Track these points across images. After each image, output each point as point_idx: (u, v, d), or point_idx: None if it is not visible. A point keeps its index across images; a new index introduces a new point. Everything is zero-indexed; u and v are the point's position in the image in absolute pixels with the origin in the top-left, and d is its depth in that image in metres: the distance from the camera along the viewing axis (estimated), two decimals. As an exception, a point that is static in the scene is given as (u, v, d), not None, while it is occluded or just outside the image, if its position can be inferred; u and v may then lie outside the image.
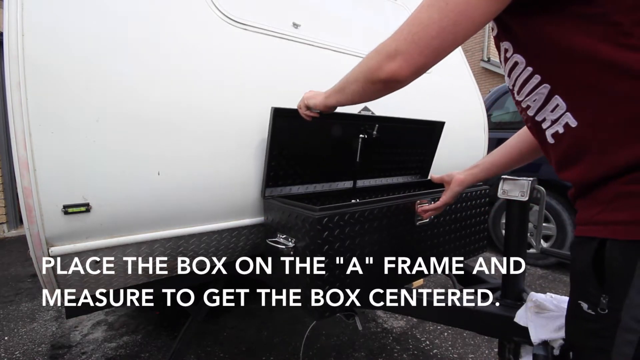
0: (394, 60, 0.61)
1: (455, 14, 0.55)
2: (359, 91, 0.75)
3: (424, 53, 0.58)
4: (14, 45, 0.84)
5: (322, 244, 0.92)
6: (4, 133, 4.24)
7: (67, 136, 0.89)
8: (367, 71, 0.68)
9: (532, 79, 0.61)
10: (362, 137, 1.39)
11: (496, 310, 1.00)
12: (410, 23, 0.60)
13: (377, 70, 0.64)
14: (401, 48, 0.60)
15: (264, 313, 2.28)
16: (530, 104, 0.64)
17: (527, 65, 0.61)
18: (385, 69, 0.63)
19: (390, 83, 0.65)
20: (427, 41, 0.57)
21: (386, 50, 0.63)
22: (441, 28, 0.56)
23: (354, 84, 0.75)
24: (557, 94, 0.57)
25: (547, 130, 0.62)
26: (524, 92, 0.64)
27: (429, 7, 0.57)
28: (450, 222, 1.29)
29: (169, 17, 1.10)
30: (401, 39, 0.60)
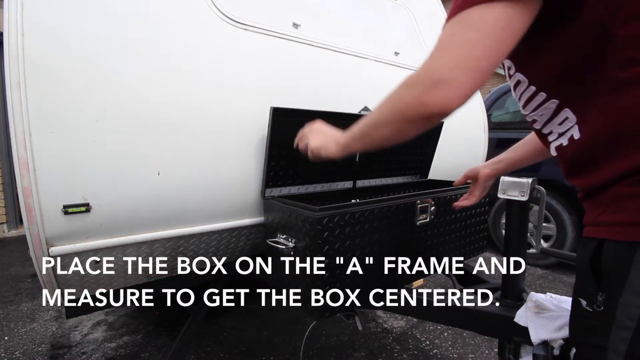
0: (437, 90, 0.53)
1: (495, 30, 0.51)
2: (391, 134, 0.65)
3: (472, 78, 0.52)
4: (14, 45, 0.84)
5: (323, 244, 0.92)
6: (4, 133, 4.24)
7: (67, 136, 0.89)
8: (404, 109, 0.59)
9: (537, 96, 0.62)
10: None
11: (496, 310, 1.00)
12: (445, 48, 0.54)
13: (417, 106, 0.56)
14: (444, 76, 0.52)
15: (264, 313, 2.28)
16: (536, 118, 0.65)
17: (529, 84, 0.63)
18: (429, 103, 0.54)
19: (434, 118, 0.57)
20: (472, 64, 0.52)
21: (424, 82, 0.55)
22: (485, 47, 0.51)
23: (384, 128, 0.65)
24: (567, 107, 0.58)
25: (552, 143, 0.63)
26: (530, 107, 0.65)
27: (462, 27, 0.52)
28: (450, 222, 1.29)
29: (169, 17, 1.10)
30: (441, 66, 0.53)
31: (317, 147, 0.85)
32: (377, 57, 1.64)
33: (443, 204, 1.24)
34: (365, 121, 0.71)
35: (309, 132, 0.90)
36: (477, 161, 2.07)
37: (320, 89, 1.40)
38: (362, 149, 0.77)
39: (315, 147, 0.85)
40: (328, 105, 1.38)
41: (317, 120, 0.94)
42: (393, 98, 0.63)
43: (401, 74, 1.74)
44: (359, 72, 1.55)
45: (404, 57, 1.78)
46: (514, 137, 3.93)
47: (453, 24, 0.54)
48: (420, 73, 0.57)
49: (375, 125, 0.68)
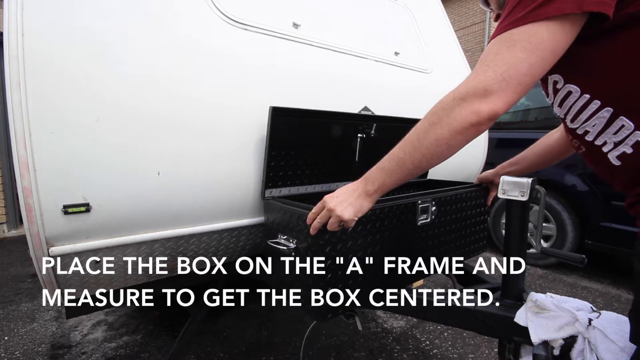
0: (487, 99, 0.60)
1: (541, 50, 0.57)
2: (439, 151, 0.67)
3: (516, 90, 0.59)
4: (14, 45, 0.84)
5: (324, 245, 0.92)
6: (4, 133, 4.23)
7: (67, 136, 0.89)
8: (454, 121, 0.64)
9: (591, 104, 0.64)
10: (361, 136, 1.39)
11: (496, 310, 1.00)
12: (493, 63, 0.60)
13: (469, 115, 0.62)
14: (493, 87, 0.60)
15: (264, 313, 2.28)
16: (589, 129, 0.66)
17: (582, 93, 0.64)
18: (481, 111, 0.61)
19: (484, 125, 0.63)
20: (518, 79, 0.58)
21: (474, 94, 0.61)
22: (531, 65, 0.58)
23: (431, 147, 0.67)
24: (622, 115, 0.60)
25: (610, 153, 0.64)
26: (581, 119, 0.67)
27: (509, 47, 0.59)
28: (451, 222, 1.29)
29: (169, 17, 1.10)
30: (489, 80, 0.60)
31: (353, 216, 0.78)
32: (377, 57, 1.64)
33: (444, 204, 1.24)
34: (399, 151, 0.72)
35: (331, 209, 0.78)
36: (477, 160, 2.06)
37: (320, 89, 1.40)
38: (399, 182, 0.75)
39: (351, 218, 0.78)
40: (328, 105, 1.38)
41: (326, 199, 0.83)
42: (436, 114, 0.67)
43: (401, 74, 1.74)
44: (359, 72, 1.55)
45: (404, 57, 1.78)
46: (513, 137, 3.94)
47: (500, 41, 0.60)
48: (468, 87, 0.62)
49: (419, 147, 0.69)
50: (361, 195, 0.78)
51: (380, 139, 1.45)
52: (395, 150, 0.74)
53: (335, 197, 0.79)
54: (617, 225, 2.55)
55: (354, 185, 0.80)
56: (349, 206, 0.77)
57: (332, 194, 0.82)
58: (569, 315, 0.84)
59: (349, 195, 0.79)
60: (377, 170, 0.76)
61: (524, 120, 3.40)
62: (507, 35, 0.59)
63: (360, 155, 1.43)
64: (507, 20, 0.60)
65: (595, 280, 2.86)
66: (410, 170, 0.72)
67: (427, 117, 0.69)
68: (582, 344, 0.80)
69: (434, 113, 0.68)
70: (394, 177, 0.74)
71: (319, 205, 0.83)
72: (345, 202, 0.78)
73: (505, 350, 1.01)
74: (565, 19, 0.55)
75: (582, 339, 0.80)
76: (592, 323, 0.80)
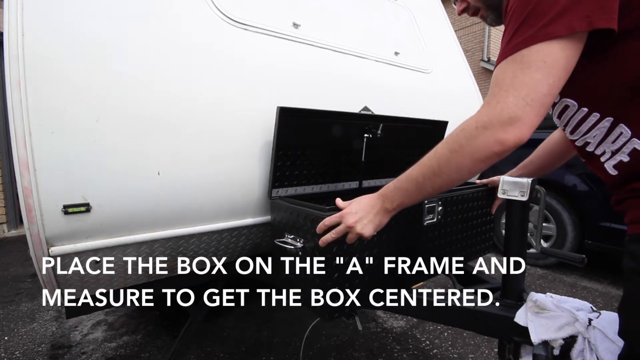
0: (512, 127, 0.59)
1: (557, 69, 0.56)
2: (460, 177, 0.68)
3: (540, 113, 0.58)
4: (14, 45, 0.84)
5: (331, 245, 0.92)
6: (4, 133, 4.23)
7: (67, 136, 0.89)
8: (476, 151, 0.63)
9: (590, 117, 0.64)
10: (367, 136, 1.39)
11: (496, 310, 1.00)
12: (512, 88, 0.58)
13: (493, 145, 0.61)
14: (517, 114, 0.58)
15: (264, 313, 2.28)
16: (589, 140, 0.66)
17: (580, 106, 0.64)
18: (506, 140, 0.60)
19: (508, 152, 0.62)
20: (540, 101, 0.57)
21: (498, 122, 0.60)
22: (550, 85, 0.57)
23: (452, 173, 0.67)
24: (621, 123, 0.60)
25: (607, 162, 0.64)
26: (581, 131, 0.67)
27: (524, 69, 0.57)
28: (457, 222, 1.28)
29: (169, 16, 1.10)
30: (511, 106, 0.58)
31: (373, 232, 0.80)
32: (377, 57, 1.64)
33: (450, 204, 1.24)
34: (418, 174, 0.72)
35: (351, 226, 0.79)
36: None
37: (320, 89, 1.40)
38: (418, 202, 0.78)
39: (371, 234, 0.80)
40: (328, 105, 1.38)
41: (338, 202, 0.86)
42: (458, 142, 0.65)
43: (401, 74, 1.74)
44: (359, 72, 1.55)
45: (404, 57, 1.78)
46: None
47: (513, 64, 0.59)
48: (491, 115, 0.60)
49: (439, 172, 0.69)
50: (380, 212, 0.79)
51: (387, 139, 1.45)
52: (414, 173, 0.73)
53: (354, 214, 0.79)
54: (617, 225, 2.55)
55: (372, 201, 0.80)
56: (369, 223, 0.79)
57: (349, 209, 0.80)
58: (569, 315, 0.84)
59: (367, 212, 0.79)
60: (396, 190, 0.76)
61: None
62: (518, 57, 0.58)
63: (367, 155, 1.43)
64: (515, 40, 0.59)
65: (595, 280, 2.86)
66: (430, 192, 0.73)
67: (448, 144, 0.67)
68: (582, 344, 0.80)
69: (455, 141, 0.66)
70: (413, 198, 0.75)
71: (334, 219, 0.82)
72: (365, 219, 0.79)
73: (505, 350, 1.01)
74: (575, 35, 0.55)
75: (582, 339, 0.80)
76: (592, 323, 0.80)
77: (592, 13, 0.53)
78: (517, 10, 0.59)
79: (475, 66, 9.51)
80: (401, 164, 1.63)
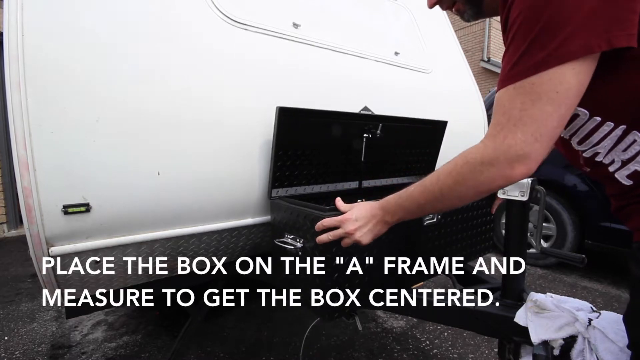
0: (520, 164, 0.56)
1: (569, 99, 0.52)
2: (460, 203, 0.69)
3: (548, 145, 0.55)
4: (14, 45, 0.84)
5: (331, 245, 0.92)
6: (4, 133, 4.23)
7: (67, 136, 0.89)
8: (481, 185, 0.62)
9: (603, 126, 0.59)
10: (367, 136, 1.39)
11: (496, 310, 1.00)
12: (520, 123, 0.54)
13: (498, 180, 0.59)
14: (525, 151, 0.55)
15: (264, 313, 2.28)
16: (599, 150, 0.62)
17: (592, 115, 0.60)
18: (513, 176, 0.57)
19: (511, 184, 0.62)
20: (549, 135, 0.54)
21: (505, 159, 0.57)
22: (560, 116, 0.53)
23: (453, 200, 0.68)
24: (634, 130, 0.56)
25: (619, 172, 0.60)
26: (591, 141, 0.62)
27: (534, 101, 0.53)
28: (457, 222, 1.29)
29: (169, 16, 1.10)
30: (520, 143, 0.55)
31: (370, 241, 0.81)
32: (377, 57, 1.64)
33: None
34: (420, 196, 0.71)
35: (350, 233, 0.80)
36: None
37: (320, 89, 1.40)
38: (418, 217, 0.84)
39: (368, 243, 0.81)
40: (328, 105, 1.38)
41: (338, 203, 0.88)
42: (462, 175, 0.63)
43: (401, 74, 1.74)
44: (359, 72, 1.55)
45: (404, 57, 1.78)
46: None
47: (521, 93, 0.54)
48: (498, 152, 0.57)
49: (442, 199, 0.69)
50: (379, 222, 0.80)
51: (386, 139, 1.45)
52: (415, 194, 0.73)
53: (355, 221, 0.80)
54: (617, 225, 2.55)
55: (374, 211, 0.80)
56: (368, 232, 0.80)
57: (350, 215, 0.81)
58: (569, 315, 0.84)
59: (368, 221, 0.80)
60: (397, 206, 0.77)
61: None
62: (527, 85, 0.53)
63: (367, 155, 1.43)
64: (524, 63, 0.53)
65: (595, 280, 2.86)
66: (429, 212, 0.78)
67: (451, 174, 0.65)
68: (582, 344, 0.80)
69: (459, 172, 0.64)
70: (412, 215, 0.76)
71: (334, 222, 0.83)
72: (364, 228, 0.80)
73: (505, 350, 1.01)
74: (590, 55, 0.49)
75: (582, 339, 0.80)
76: (592, 323, 0.80)
77: (612, 28, 0.47)
78: (524, 25, 0.52)
79: (475, 66, 9.52)
80: (401, 164, 1.64)
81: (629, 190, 0.61)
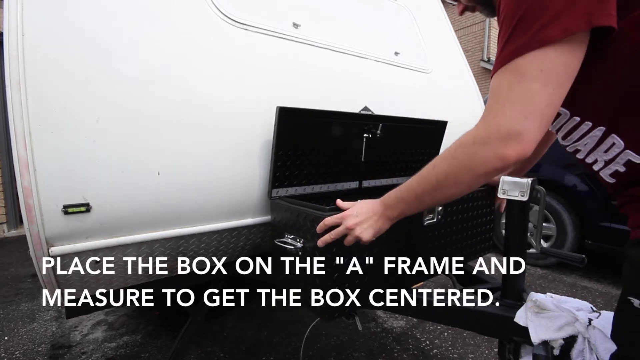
0: (513, 142, 0.55)
1: (556, 77, 0.53)
2: (460, 191, 0.67)
3: (541, 125, 0.55)
4: (14, 45, 0.84)
5: (331, 245, 0.92)
6: (4, 133, 4.24)
7: (67, 136, 0.89)
8: (476, 166, 0.61)
9: (582, 125, 0.62)
10: (367, 136, 1.39)
11: (496, 310, 1.00)
12: (508, 100, 0.55)
13: (494, 160, 0.58)
14: (515, 128, 0.55)
15: (264, 313, 2.28)
16: (580, 147, 0.64)
17: (572, 115, 0.62)
18: (507, 156, 0.56)
19: (509, 167, 0.59)
20: (539, 112, 0.54)
21: (497, 137, 0.57)
22: (549, 95, 0.53)
23: (452, 188, 0.67)
24: (613, 133, 0.58)
25: (602, 171, 0.63)
26: (572, 138, 0.65)
27: (520, 80, 0.54)
28: (457, 222, 1.29)
29: (169, 17, 1.10)
30: (509, 120, 0.55)
31: (372, 237, 0.80)
32: (377, 57, 1.64)
33: (450, 204, 1.23)
34: (417, 186, 0.71)
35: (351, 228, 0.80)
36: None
37: (320, 89, 1.40)
38: (419, 211, 0.80)
39: (369, 239, 0.80)
40: (328, 105, 1.38)
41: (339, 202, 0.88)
42: (457, 158, 0.64)
43: (401, 74, 1.74)
44: (359, 72, 1.55)
45: (404, 57, 1.78)
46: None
47: (508, 74, 0.55)
48: (488, 129, 0.58)
49: (438, 187, 0.68)
50: (381, 218, 0.79)
51: (387, 139, 1.45)
52: (413, 185, 0.73)
53: (355, 216, 0.80)
54: (617, 225, 2.55)
55: (375, 207, 0.80)
56: (369, 228, 0.79)
57: (351, 212, 0.81)
58: (569, 315, 0.84)
59: (369, 217, 0.79)
60: (397, 199, 0.76)
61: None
62: (513, 66, 0.55)
63: (367, 155, 1.43)
64: (508, 47, 0.55)
65: (595, 280, 2.86)
66: (429, 204, 0.73)
67: (447, 159, 0.66)
68: (582, 344, 0.80)
69: (454, 156, 0.64)
70: (413, 208, 0.76)
71: (335, 220, 0.83)
72: (365, 223, 0.79)
73: (505, 350, 1.01)
74: (573, 38, 0.51)
75: (582, 339, 0.80)
76: (592, 323, 0.80)
77: (591, 9, 0.49)
78: (508, 15, 0.55)
79: (475, 66, 9.51)
80: (401, 164, 1.64)
81: (618, 189, 0.63)
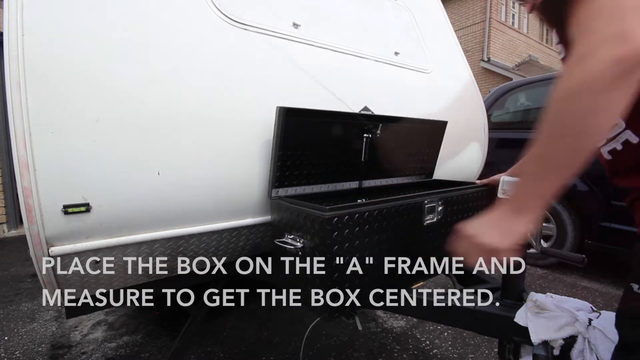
0: (623, 38, 0.46)
1: None
2: (583, 135, 0.52)
3: None
4: (14, 45, 0.84)
5: (332, 244, 0.92)
6: (4, 133, 4.23)
7: (67, 136, 0.89)
8: (593, 81, 0.48)
9: None
10: (367, 136, 1.39)
11: (496, 310, 1.00)
12: (610, 6, 0.49)
13: (610, 65, 0.47)
14: (630, 25, 0.46)
15: (264, 313, 2.28)
16: None
17: None
18: (625, 52, 0.46)
19: (636, 66, 0.47)
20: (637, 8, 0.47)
21: (601, 43, 0.48)
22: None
23: (575, 125, 0.52)
24: None
25: (603, 147, 0.66)
26: None
27: None
28: (458, 222, 1.28)
29: (169, 17, 1.10)
30: (618, 18, 0.47)
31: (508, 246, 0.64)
32: (377, 57, 1.64)
33: (450, 204, 1.23)
34: (537, 149, 0.57)
35: (476, 246, 0.66)
36: (477, 161, 2.07)
37: (320, 89, 1.40)
38: (552, 188, 0.61)
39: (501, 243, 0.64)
40: (328, 105, 1.38)
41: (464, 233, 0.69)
42: (565, 88, 0.52)
43: (401, 74, 1.74)
44: (358, 72, 1.55)
45: (404, 57, 1.78)
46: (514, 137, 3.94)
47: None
48: (588, 43, 0.50)
49: (561, 133, 0.54)
50: (508, 215, 0.64)
51: (387, 139, 1.45)
52: (532, 151, 0.58)
53: (478, 233, 0.67)
54: (617, 225, 2.55)
55: (493, 212, 0.67)
56: (498, 238, 0.65)
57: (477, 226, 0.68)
58: (569, 315, 0.84)
59: (495, 224, 0.66)
60: (519, 185, 0.63)
61: (524, 121, 3.39)
62: None
63: (367, 155, 1.43)
64: None
65: (595, 280, 2.86)
66: (558, 165, 0.57)
67: (554, 99, 0.53)
68: (582, 344, 0.80)
69: (561, 88, 0.52)
70: (543, 179, 0.60)
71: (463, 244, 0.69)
72: (493, 236, 0.65)
73: (505, 350, 1.01)
74: None
75: (582, 339, 0.80)
76: (592, 323, 0.80)
77: None
78: None
79: (475, 66, 9.51)
80: (401, 164, 1.64)
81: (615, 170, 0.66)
